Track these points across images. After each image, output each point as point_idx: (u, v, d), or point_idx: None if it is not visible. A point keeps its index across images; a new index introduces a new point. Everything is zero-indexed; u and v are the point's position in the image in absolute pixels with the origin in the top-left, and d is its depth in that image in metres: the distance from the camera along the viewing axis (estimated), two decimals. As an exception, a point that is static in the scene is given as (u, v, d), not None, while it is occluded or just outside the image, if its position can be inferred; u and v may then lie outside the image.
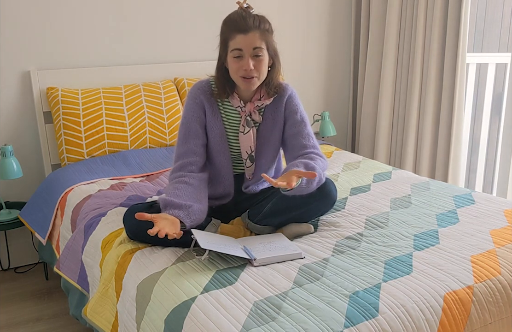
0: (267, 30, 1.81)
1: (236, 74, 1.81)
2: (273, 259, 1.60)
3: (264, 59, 1.81)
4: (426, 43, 3.22)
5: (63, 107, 2.71)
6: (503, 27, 4.07)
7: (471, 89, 3.44)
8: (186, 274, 1.52)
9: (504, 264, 1.57)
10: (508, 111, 3.00)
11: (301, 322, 1.27)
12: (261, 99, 1.90)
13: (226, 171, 1.94)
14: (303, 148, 1.89)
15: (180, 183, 1.78)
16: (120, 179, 2.46)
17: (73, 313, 2.10)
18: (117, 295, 1.66)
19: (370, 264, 1.57)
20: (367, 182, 2.41)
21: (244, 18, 1.78)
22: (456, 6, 3.03)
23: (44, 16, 2.82)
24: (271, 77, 1.88)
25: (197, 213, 1.72)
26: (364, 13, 3.63)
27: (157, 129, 2.86)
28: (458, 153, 3.19)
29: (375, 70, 3.59)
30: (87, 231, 1.99)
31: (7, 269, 2.92)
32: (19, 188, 2.87)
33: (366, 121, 3.68)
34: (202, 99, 1.89)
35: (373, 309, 1.33)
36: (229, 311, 1.33)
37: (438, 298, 1.40)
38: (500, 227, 1.84)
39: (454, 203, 2.09)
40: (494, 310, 1.47)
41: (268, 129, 1.94)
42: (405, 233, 1.80)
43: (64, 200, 2.34)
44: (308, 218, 1.89)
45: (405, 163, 3.39)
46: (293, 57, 3.63)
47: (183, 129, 1.89)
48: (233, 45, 1.78)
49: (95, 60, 2.99)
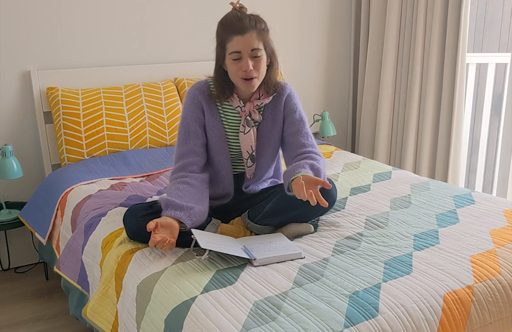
0: (263, 29, 1.81)
1: (236, 76, 1.81)
2: (273, 259, 1.60)
3: (262, 59, 1.81)
4: (426, 43, 3.22)
5: (63, 107, 2.71)
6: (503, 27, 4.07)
7: (471, 89, 3.44)
8: (186, 274, 1.52)
9: (504, 264, 1.57)
10: (508, 111, 3.00)
11: (301, 322, 1.27)
12: (260, 99, 1.91)
13: (225, 171, 1.94)
14: (302, 147, 1.90)
15: (182, 183, 1.78)
16: (120, 179, 2.46)
17: (73, 313, 2.10)
18: (117, 295, 1.67)
19: (370, 264, 1.57)
20: (367, 182, 2.41)
21: (240, 19, 1.77)
22: (456, 6, 3.03)
23: (44, 16, 2.82)
24: (269, 76, 1.88)
25: (198, 214, 1.73)
26: (364, 13, 3.63)
27: (157, 129, 2.86)
28: (458, 153, 3.19)
29: (375, 70, 3.59)
30: (87, 231, 1.99)
31: (7, 269, 2.92)
32: (19, 188, 2.87)
33: (366, 121, 3.68)
34: (201, 100, 1.89)
35: (373, 309, 1.33)
36: (229, 311, 1.33)
37: (438, 298, 1.40)
38: (500, 227, 1.84)
39: (454, 203, 2.09)
40: (494, 310, 1.47)
41: (267, 129, 1.94)
42: (405, 233, 1.80)
43: (64, 200, 2.34)
44: (308, 218, 1.89)
45: (405, 163, 3.39)
46: (293, 57, 3.63)
47: (182, 130, 1.90)
48: (231, 47, 1.78)
49: (95, 60, 2.99)
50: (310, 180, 1.65)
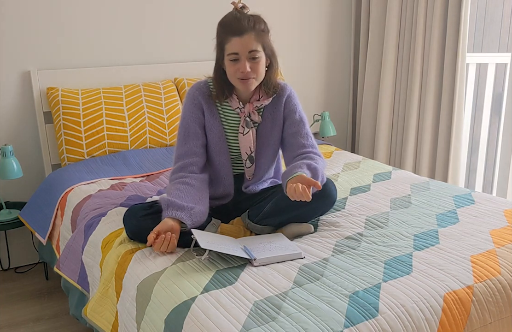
0: (262, 30, 1.80)
1: (234, 77, 1.81)
2: (273, 259, 1.60)
3: (261, 61, 1.81)
4: (426, 43, 3.22)
5: (63, 107, 2.71)
6: (503, 27, 4.07)
7: (471, 89, 3.44)
8: (186, 274, 1.52)
9: (504, 264, 1.57)
10: (508, 111, 3.00)
11: (301, 322, 1.27)
12: (260, 100, 1.90)
13: (225, 171, 1.94)
14: (302, 147, 1.90)
15: (182, 183, 1.78)
16: (120, 179, 2.46)
17: (73, 313, 2.10)
18: (117, 295, 1.67)
19: (370, 264, 1.57)
20: (367, 182, 2.41)
21: (238, 20, 1.77)
22: (456, 6, 3.03)
23: (44, 16, 2.82)
24: (269, 77, 1.88)
25: (199, 214, 1.73)
26: (364, 13, 3.63)
27: (157, 129, 2.86)
28: (458, 153, 3.19)
29: (375, 70, 3.59)
30: (87, 231, 1.99)
31: (7, 269, 2.92)
32: (19, 188, 2.87)
33: (366, 121, 3.68)
34: (200, 101, 1.89)
35: (373, 309, 1.33)
36: (229, 311, 1.33)
37: (438, 298, 1.40)
38: (500, 227, 1.84)
39: (454, 203, 2.09)
40: (494, 310, 1.47)
41: (267, 130, 1.94)
42: (405, 233, 1.80)
43: (64, 200, 2.34)
44: (308, 218, 1.89)
45: (405, 163, 3.39)
46: (293, 58, 3.63)
47: (182, 130, 1.90)
48: (229, 48, 1.78)
49: (95, 60, 2.99)
50: (303, 180, 1.66)
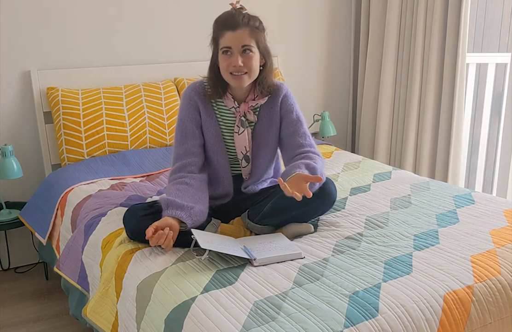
0: (257, 27, 1.81)
1: (226, 71, 1.81)
2: (273, 259, 1.60)
3: (254, 56, 1.81)
4: (426, 43, 3.22)
5: (63, 107, 2.71)
6: (503, 27, 4.07)
7: (471, 89, 3.44)
8: (186, 274, 1.52)
9: (504, 264, 1.57)
10: (508, 111, 3.00)
11: (301, 322, 1.27)
12: (255, 99, 1.90)
13: (224, 171, 1.94)
14: (300, 147, 1.90)
15: (181, 183, 1.78)
16: (120, 179, 2.46)
17: (73, 313, 2.10)
18: (117, 295, 1.67)
19: (370, 264, 1.57)
20: (367, 182, 2.41)
21: (233, 16, 1.79)
22: (456, 6, 3.03)
23: (44, 16, 2.82)
24: (263, 76, 1.88)
25: (199, 214, 1.73)
26: (364, 13, 3.63)
27: (157, 129, 2.86)
28: (458, 153, 3.19)
29: (375, 70, 3.59)
30: (87, 231, 1.99)
31: (7, 269, 2.92)
32: (19, 188, 2.87)
33: (366, 121, 3.68)
34: (196, 101, 1.89)
35: (373, 309, 1.33)
36: (229, 311, 1.33)
37: (438, 298, 1.40)
38: (500, 227, 1.84)
39: (454, 203, 2.09)
40: (494, 310, 1.47)
41: (264, 129, 1.94)
42: (405, 233, 1.80)
43: (64, 200, 2.35)
44: (308, 218, 1.89)
45: (405, 163, 3.39)
46: (293, 57, 3.63)
47: (179, 131, 1.90)
48: (223, 42, 1.79)
49: (95, 60, 2.99)
50: (300, 177, 1.66)
